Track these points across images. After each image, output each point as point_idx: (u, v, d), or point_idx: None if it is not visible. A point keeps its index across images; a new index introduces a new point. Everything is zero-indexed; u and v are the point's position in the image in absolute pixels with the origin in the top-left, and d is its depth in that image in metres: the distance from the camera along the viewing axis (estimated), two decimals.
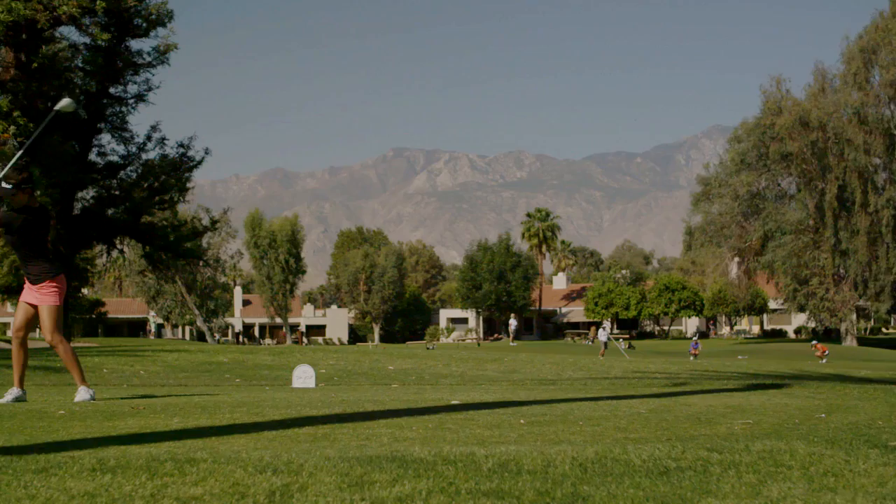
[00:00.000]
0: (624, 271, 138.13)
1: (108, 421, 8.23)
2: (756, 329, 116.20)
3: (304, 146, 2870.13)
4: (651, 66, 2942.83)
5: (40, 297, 10.96)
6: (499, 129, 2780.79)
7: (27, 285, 11.03)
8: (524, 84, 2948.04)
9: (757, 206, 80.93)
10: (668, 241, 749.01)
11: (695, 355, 53.21)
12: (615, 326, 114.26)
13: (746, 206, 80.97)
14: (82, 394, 11.09)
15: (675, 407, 9.62)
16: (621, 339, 77.88)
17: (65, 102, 12.54)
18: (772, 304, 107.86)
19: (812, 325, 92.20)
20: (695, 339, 63.77)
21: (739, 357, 50.16)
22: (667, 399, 11.22)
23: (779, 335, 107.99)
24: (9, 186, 10.68)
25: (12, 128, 28.67)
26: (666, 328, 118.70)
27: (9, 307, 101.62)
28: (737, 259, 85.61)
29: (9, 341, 57.38)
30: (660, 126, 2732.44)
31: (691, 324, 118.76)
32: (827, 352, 49.61)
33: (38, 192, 10.71)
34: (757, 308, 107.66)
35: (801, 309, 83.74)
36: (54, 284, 10.98)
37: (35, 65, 34.44)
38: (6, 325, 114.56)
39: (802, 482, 4.37)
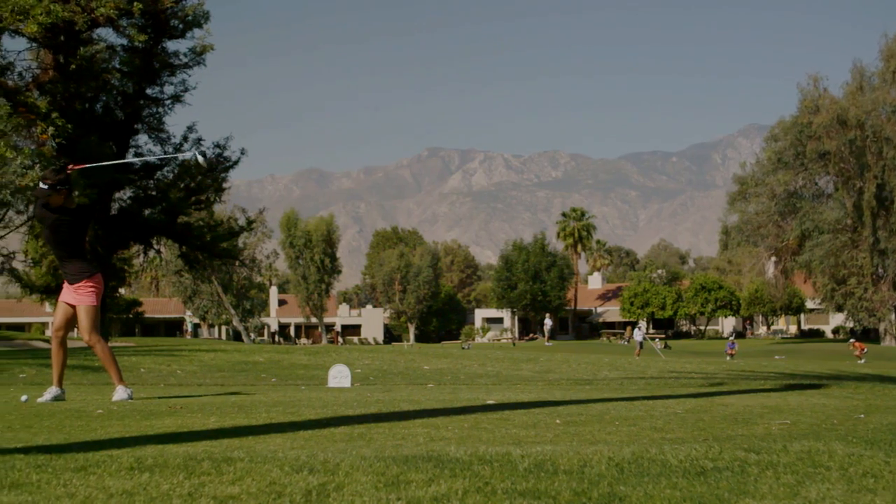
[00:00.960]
0: (660, 271, 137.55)
1: (145, 420, 8.28)
2: (793, 329, 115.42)
3: (339, 146, 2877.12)
4: (687, 65, 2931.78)
5: (78, 297, 11.04)
6: (534, 129, 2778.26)
7: (65, 285, 11.12)
8: (559, 83, 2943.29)
9: (794, 206, 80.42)
10: (704, 240, 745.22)
11: (731, 355, 52.95)
12: (651, 326, 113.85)
13: (783, 205, 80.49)
14: (120, 393, 11.17)
15: (711, 407, 9.58)
16: (657, 339, 77.64)
17: (201, 159, 12.94)
18: (809, 304, 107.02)
19: (850, 324, 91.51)
20: (731, 339, 63.43)
21: (776, 357, 49.88)
22: (703, 399, 11.16)
23: (816, 335, 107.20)
24: (45, 187, 10.77)
25: (51, 129, 28.87)
26: (702, 328, 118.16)
27: (47, 307, 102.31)
28: (774, 258, 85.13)
29: (47, 341, 57.81)
30: (696, 125, 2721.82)
31: (728, 323, 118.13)
32: (865, 350, 49.26)
33: (77, 193, 10.77)
34: (794, 308, 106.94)
35: (839, 309, 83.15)
36: (91, 284, 11.06)
37: (73, 66, 34.69)
38: (45, 324, 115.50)
39: (841, 483, 4.33)
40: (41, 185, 10.83)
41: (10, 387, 16.32)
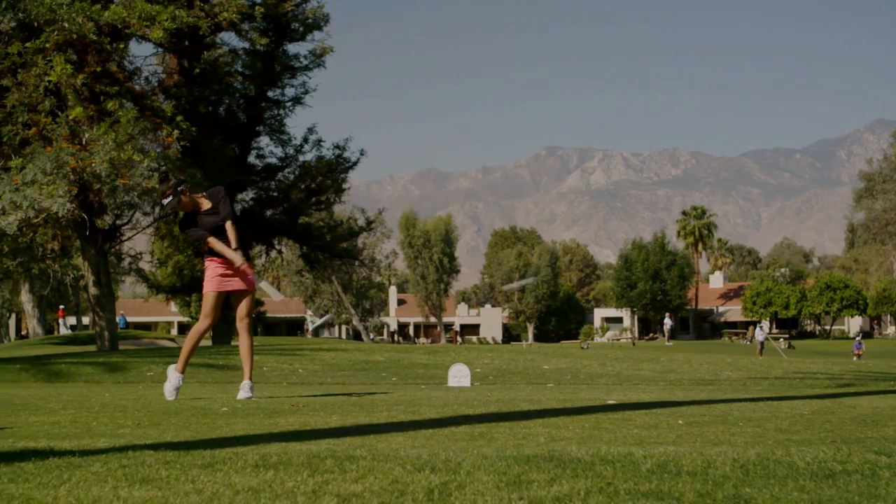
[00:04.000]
0: (783, 269, 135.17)
1: (269, 418, 8.40)
2: None
3: (457, 146, 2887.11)
4: (811, 59, 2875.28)
5: (248, 280, 11.07)
6: (653, 127, 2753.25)
7: (221, 277, 10.98)
8: (678, 81, 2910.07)
9: None
10: (828, 238, 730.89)
11: (858, 356, 51.87)
12: (774, 326, 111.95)
13: None
14: (245, 391, 11.20)
15: (839, 408, 9.37)
16: (781, 339, 76.38)
17: (526, 281, 11.98)
18: None
19: None
20: (858, 339, 62.09)
21: None
22: (830, 400, 10.94)
23: None
24: (168, 200, 10.74)
25: (176, 132, 29.44)
26: (827, 328, 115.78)
27: (172, 307, 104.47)
28: None
29: (173, 339, 58.99)
30: (820, 121, 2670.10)
31: (854, 323, 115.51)
32: None
33: (202, 194, 10.95)
34: None
35: None
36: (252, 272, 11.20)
37: (197, 70, 35.34)
38: (170, 323, 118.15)
39: None
40: (164, 202, 10.75)
41: (138, 384, 16.74)
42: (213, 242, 10.85)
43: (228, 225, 10.94)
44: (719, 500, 3.92)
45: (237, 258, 10.82)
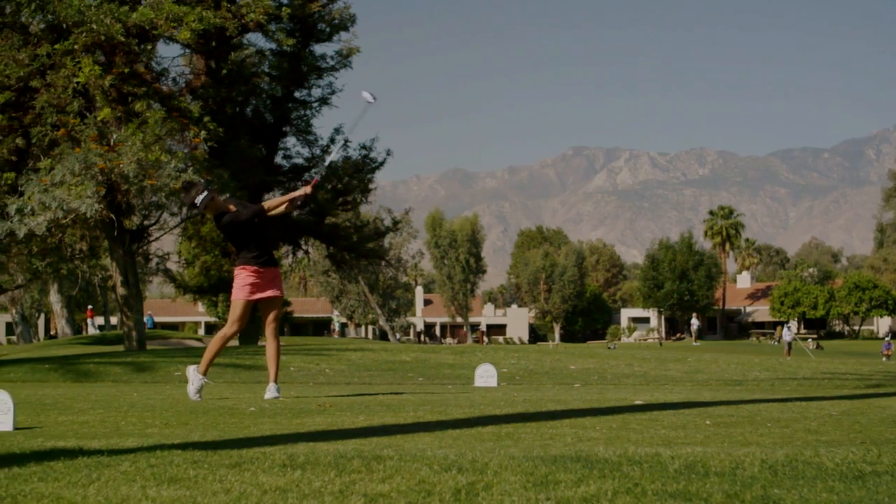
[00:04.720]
0: (811, 269, 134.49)
1: (296, 418, 8.42)
2: None
3: (483, 146, 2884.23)
4: (839, 59, 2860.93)
5: (278, 287, 11.13)
6: (680, 126, 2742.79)
7: (253, 286, 10.91)
8: (705, 80, 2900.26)
9: None
10: (857, 238, 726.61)
11: (887, 356, 51.55)
12: (802, 326, 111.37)
13: None
14: (272, 391, 11.24)
15: (868, 409, 9.32)
16: (809, 339, 76.06)
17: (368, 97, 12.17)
18: None
19: None
20: (887, 339, 61.71)
21: None
22: (859, 401, 10.87)
23: None
24: (200, 200, 10.68)
25: (203, 133, 29.51)
26: (856, 328, 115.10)
27: (200, 307, 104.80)
28: None
29: (200, 339, 59.21)
30: (848, 120, 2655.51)
31: (883, 323, 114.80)
32: None
33: (227, 195, 10.85)
34: None
35: None
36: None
37: (224, 71, 35.47)
38: (198, 324, 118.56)
39: None
40: (197, 200, 10.61)
41: (166, 384, 16.81)
42: (271, 202, 11.19)
43: (271, 202, 11.27)
44: (747, 501, 3.91)
45: (302, 189, 11.23)
